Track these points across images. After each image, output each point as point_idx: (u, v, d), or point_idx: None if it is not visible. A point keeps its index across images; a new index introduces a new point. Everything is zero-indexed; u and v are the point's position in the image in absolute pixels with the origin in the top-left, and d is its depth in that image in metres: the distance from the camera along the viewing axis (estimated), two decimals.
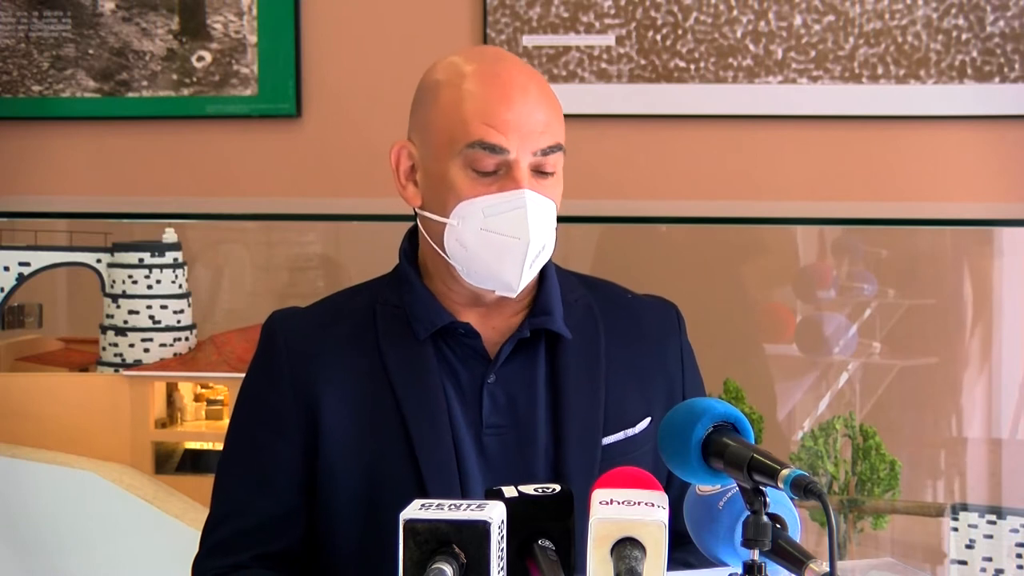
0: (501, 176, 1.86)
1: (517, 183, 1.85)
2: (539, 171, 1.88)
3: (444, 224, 1.88)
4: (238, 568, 1.92)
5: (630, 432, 1.94)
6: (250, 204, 3.20)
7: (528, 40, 3.08)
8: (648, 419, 1.96)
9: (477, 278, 1.89)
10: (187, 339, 3.18)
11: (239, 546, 1.93)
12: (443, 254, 1.90)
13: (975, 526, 3.02)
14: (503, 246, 1.85)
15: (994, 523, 3.01)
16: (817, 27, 3.03)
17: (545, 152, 1.87)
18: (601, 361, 1.96)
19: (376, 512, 1.88)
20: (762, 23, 3.04)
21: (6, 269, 3.19)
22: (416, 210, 1.96)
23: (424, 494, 1.80)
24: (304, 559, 1.94)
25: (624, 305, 2.04)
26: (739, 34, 3.04)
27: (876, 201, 3.06)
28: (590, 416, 1.93)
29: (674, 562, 1.53)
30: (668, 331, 2.04)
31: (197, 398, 3.22)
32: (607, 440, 1.93)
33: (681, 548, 1.60)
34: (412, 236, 2.01)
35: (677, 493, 1.58)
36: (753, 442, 1.46)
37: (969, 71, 3.00)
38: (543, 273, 1.97)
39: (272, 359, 1.96)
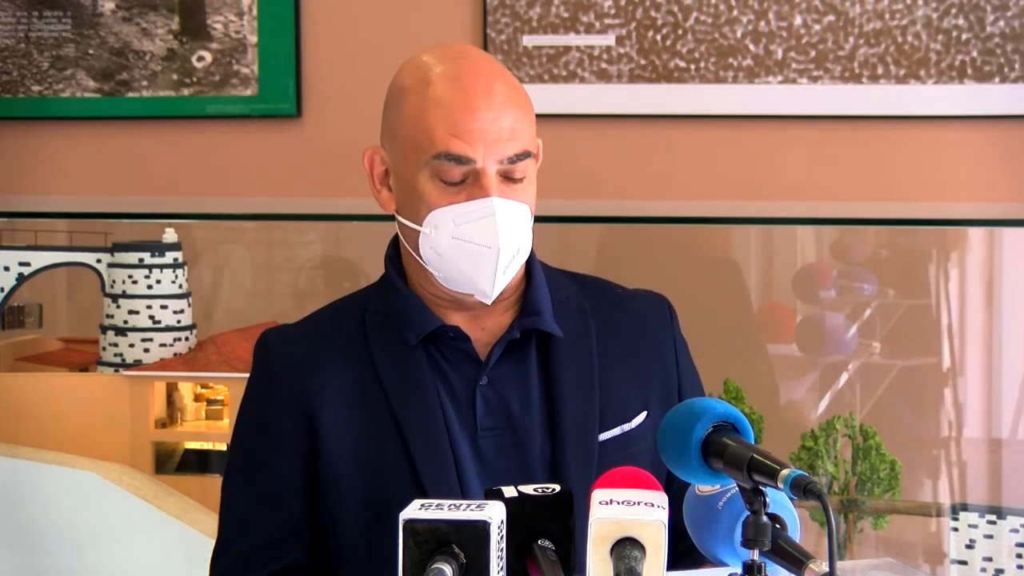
0: (469, 184, 1.85)
1: (485, 191, 1.84)
2: (508, 177, 1.87)
3: (419, 232, 1.88)
4: None
5: (626, 427, 1.94)
6: (250, 204, 3.20)
7: (528, 40, 3.08)
8: (644, 413, 1.96)
9: (454, 284, 1.89)
10: (187, 339, 3.18)
11: (251, 565, 1.93)
12: (420, 260, 1.91)
13: (975, 526, 3.02)
14: (475, 255, 1.85)
15: (994, 523, 3.01)
16: (817, 27, 3.03)
17: (512, 160, 1.86)
18: (594, 357, 1.96)
19: (379, 520, 1.88)
20: (762, 23, 3.04)
21: (6, 269, 3.19)
22: (395, 214, 1.96)
23: (426, 499, 1.80)
24: (313, 570, 1.95)
25: (615, 300, 2.04)
26: (739, 34, 3.04)
27: (877, 201, 3.06)
28: (585, 413, 1.93)
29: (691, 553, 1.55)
30: (661, 325, 2.03)
31: (197, 398, 3.22)
32: (603, 436, 1.92)
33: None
34: (397, 242, 2.01)
35: (678, 491, 1.58)
36: (753, 442, 1.46)
37: (969, 71, 3.00)
38: (530, 272, 1.97)
39: (268, 377, 1.96)
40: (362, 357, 1.93)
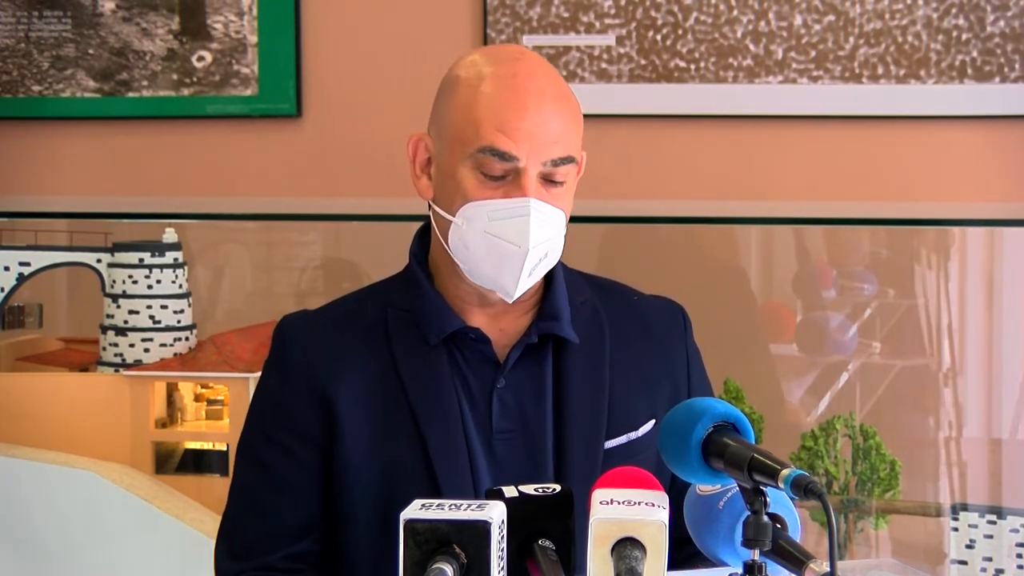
0: (509, 182, 1.86)
1: (523, 191, 1.85)
2: (548, 180, 1.88)
3: (450, 222, 1.89)
4: (271, 569, 1.92)
5: (633, 435, 1.95)
6: (250, 204, 3.20)
7: (528, 40, 3.08)
8: (652, 421, 1.96)
9: (478, 278, 1.90)
10: (187, 339, 3.18)
11: (266, 547, 1.93)
12: (448, 250, 1.91)
13: (975, 526, 3.02)
14: (503, 252, 1.86)
15: (994, 523, 3.01)
16: (817, 27, 3.03)
17: (556, 163, 1.87)
18: (606, 364, 1.96)
19: (390, 516, 1.87)
20: (762, 23, 3.04)
21: (6, 269, 3.19)
22: (429, 203, 1.97)
23: (439, 498, 1.80)
24: (323, 560, 1.95)
25: (631, 306, 2.04)
26: (739, 34, 3.04)
27: (876, 201, 3.06)
28: (592, 420, 1.93)
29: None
30: (674, 333, 2.04)
31: (197, 398, 3.22)
32: (610, 443, 1.93)
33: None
34: (422, 236, 2.01)
35: (681, 495, 1.58)
36: (753, 442, 1.46)
37: (969, 71, 3.00)
38: (551, 275, 1.97)
39: (287, 362, 1.96)
40: (382, 352, 1.93)
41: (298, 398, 1.93)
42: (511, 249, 1.85)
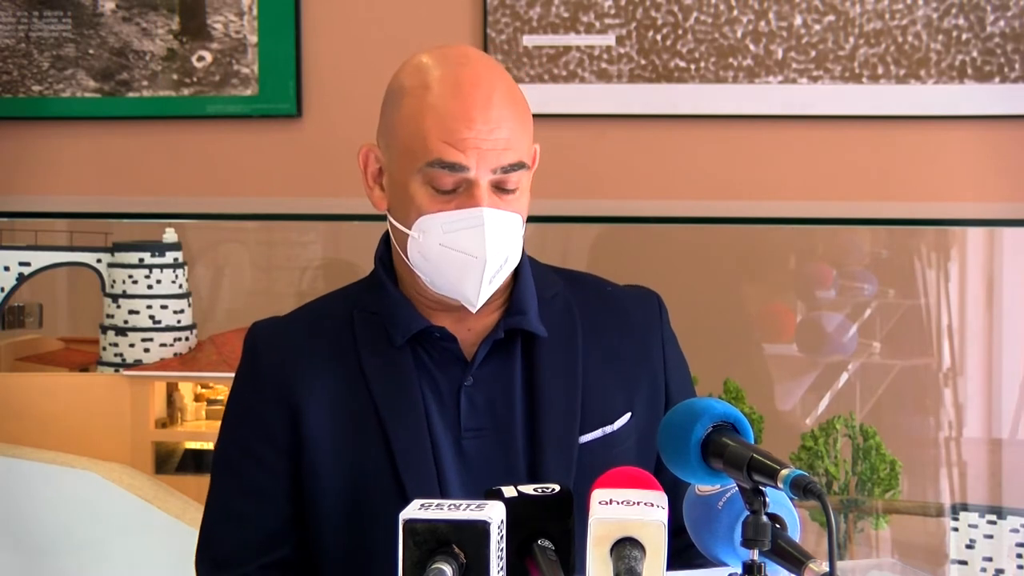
0: (461, 192, 1.85)
1: (476, 200, 1.83)
2: (500, 188, 1.86)
3: (407, 235, 1.89)
4: None
5: (608, 429, 1.94)
6: (250, 204, 3.20)
7: (528, 40, 3.08)
8: (628, 414, 1.95)
9: (440, 288, 1.90)
10: (187, 339, 3.18)
11: (243, 558, 1.94)
12: (408, 262, 1.91)
13: (975, 526, 3.02)
14: (461, 263, 1.85)
15: (994, 523, 3.01)
16: (817, 27, 3.03)
17: (506, 170, 1.85)
18: (578, 358, 1.95)
19: (360, 516, 1.89)
20: (762, 23, 3.04)
21: (6, 269, 3.19)
22: (386, 213, 1.96)
23: (404, 499, 1.80)
24: (302, 564, 1.95)
25: (604, 298, 2.03)
26: (739, 34, 3.04)
27: (876, 201, 3.06)
28: (567, 414, 1.92)
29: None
30: (650, 320, 2.03)
31: (197, 398, 3.22)
32: (584, 438, 1.92)
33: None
34: (387, 241, 2.01)
35: (668, 486, 1.58)
36: (753, 442, 1.46)
37: (969, 71, 3.00)
38: (517, 271, 1.97)
39: (256, 370, 1.97)
40: (349, 355, 1.93)
41: (268, 406, 1.94)
42: (469, 260, 1.84)
